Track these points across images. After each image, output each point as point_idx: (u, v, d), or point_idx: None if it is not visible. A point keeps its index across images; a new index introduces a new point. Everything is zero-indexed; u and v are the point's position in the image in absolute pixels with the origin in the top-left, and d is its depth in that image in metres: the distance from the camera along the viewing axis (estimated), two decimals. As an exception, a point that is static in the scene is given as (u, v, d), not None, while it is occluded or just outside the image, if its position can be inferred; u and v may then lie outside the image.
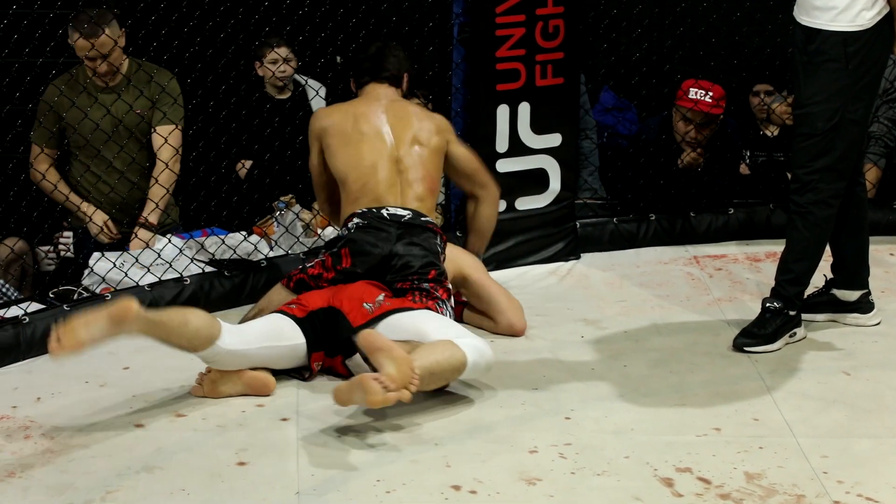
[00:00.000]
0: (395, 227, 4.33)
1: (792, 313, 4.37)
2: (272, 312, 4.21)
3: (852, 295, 4.54)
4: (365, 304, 4.14)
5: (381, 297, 4.17)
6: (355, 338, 3.96)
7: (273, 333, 4.09)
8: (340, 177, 4.50)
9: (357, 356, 4.05)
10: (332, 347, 4.14)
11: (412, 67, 4.76)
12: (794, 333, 4.39)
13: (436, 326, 4.08)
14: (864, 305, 4.55)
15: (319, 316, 4.14)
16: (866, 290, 4.55)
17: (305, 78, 5.98)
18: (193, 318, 3.93)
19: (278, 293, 4.42)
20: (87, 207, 5.12)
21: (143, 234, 5.06)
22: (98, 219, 5.09)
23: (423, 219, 4.40)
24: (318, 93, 5.79)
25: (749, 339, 4.35)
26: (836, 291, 4.56)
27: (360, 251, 4.30)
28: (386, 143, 4.47)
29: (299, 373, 4.16)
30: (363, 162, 4.45)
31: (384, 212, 4.37)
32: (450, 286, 4.36)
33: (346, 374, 4.09)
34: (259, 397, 4.02)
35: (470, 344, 3.98)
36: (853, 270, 4.53)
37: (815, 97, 4.19)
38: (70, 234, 5.30)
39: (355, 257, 4.30)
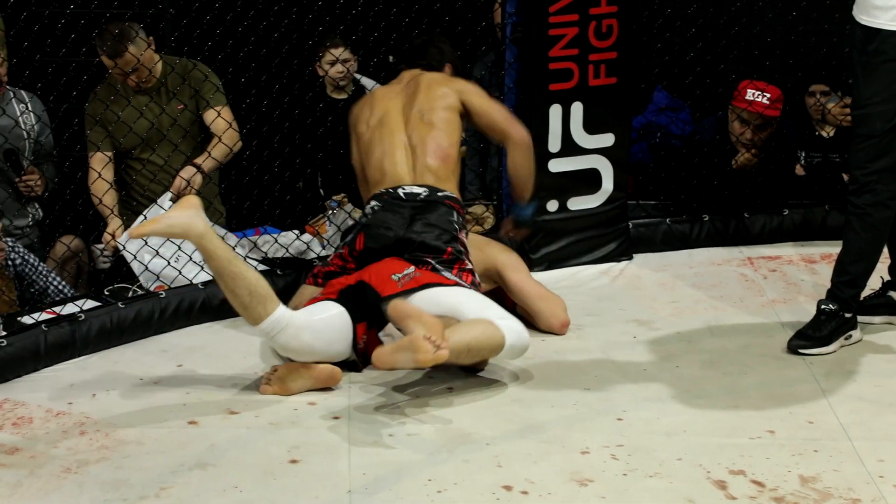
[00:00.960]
0: (409, 208, 4.35)
1: (848, 315, 4.32)
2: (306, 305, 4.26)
3: None
4: (393, 276, 4.18)
5: (410, 270, 4.20)
6: (385, 307, 3.99)
7: (317, 309, 4.14)
8: (360, 164, 4.58)
9: (389, 326, 4.07)
10: (366, 320, 4.17)
11: (456, 60, 4.79)
12: (850, 336, 4.35)
13: (474, 305, 4.11)
14: None
15: (349, 292, 4.18)
16: None
17: (360, 76, 5.98)
18: (245, 267, 4.04)
19: (308, 291, 4.45)
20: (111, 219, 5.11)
21: (186, 171, 5.11)
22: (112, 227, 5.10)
23: (439, 194, 4.41)
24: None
25: (804, 340, 4.32)
26: (892, 293, 4.51)
27: (374, 234, 4.34)
28: (396, 122, 4.53)
29: (353, 364, 4.18)
30: (377, 145, 4.51)
31: (400, 191, 4.40)
32: (472, 267, 4.36)
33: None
34: (312, 395, 4.03)
35: (509, 325, 4.02)
36: None
37: (874, 98, 4.14)
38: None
39: (368, 239, 4.34)
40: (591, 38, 4.98)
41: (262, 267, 4.86)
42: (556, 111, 5.03)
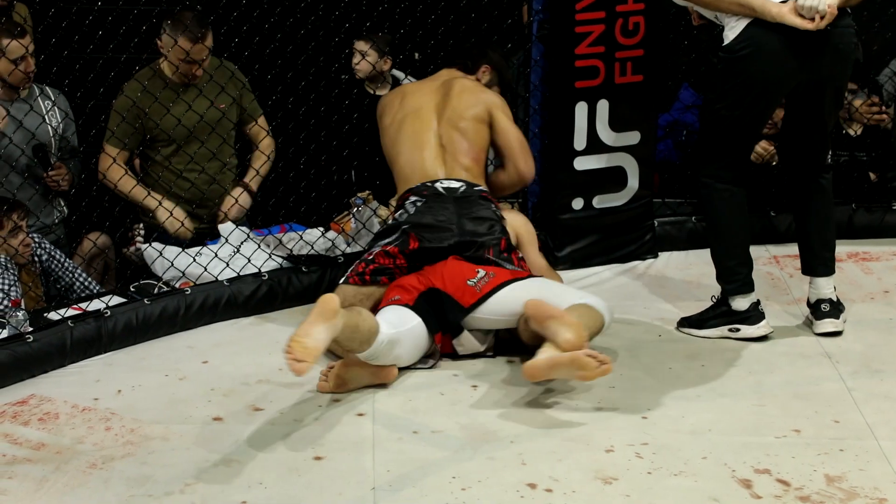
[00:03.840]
0: (452, 202, 4.38)
1: (733, 308, 4.39)
2: (380, 308, 4.22)
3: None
4: (469, 282, 4.19)
5: (483, 274, 4.23)
6: (464, 318, 4.13)
7: (401, 319, 4.13)
8: (391, 157, 4.61)
9: (465, 335, 4.19)
10: (442, 329, 4.21)
11: (496, 64, 4.81)
12: (738, 329, 4.39)
13: (556, 291, 4.23)
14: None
15: (425, 301, 4.19)
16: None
17: (400, 73, 5.98)
18: (362, 319, 3.94)
19: (350, 291, 4.40)
20: (167, 204, 5.09)
21: (236, 191, 5.21)
22: (178, 214, 5.11)
23: (475, 188, 4.47)
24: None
25: (685, 320, 4.49)
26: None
27: (428, 235, 4.34)
28: (428, 118, 4.58)
29: (424, 361, 4.20)
30: (409, 139, 4.56)
31: (438, 185, 4.43)
32: (516, 248, 4.44)
33: (453, 353, 4.21)
34: (337, 393, 4.03)
35: (600, 304, 4.18)
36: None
37: None
38: (143, 230, 5.32)
39: (423, 239, 4.35)
40: (618, 36, 4.96)
41: (286, 264, 4.88)
42: (581, 108, 5.02)
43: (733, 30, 4.20)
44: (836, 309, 4.45)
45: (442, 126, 4.57)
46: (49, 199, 5.24)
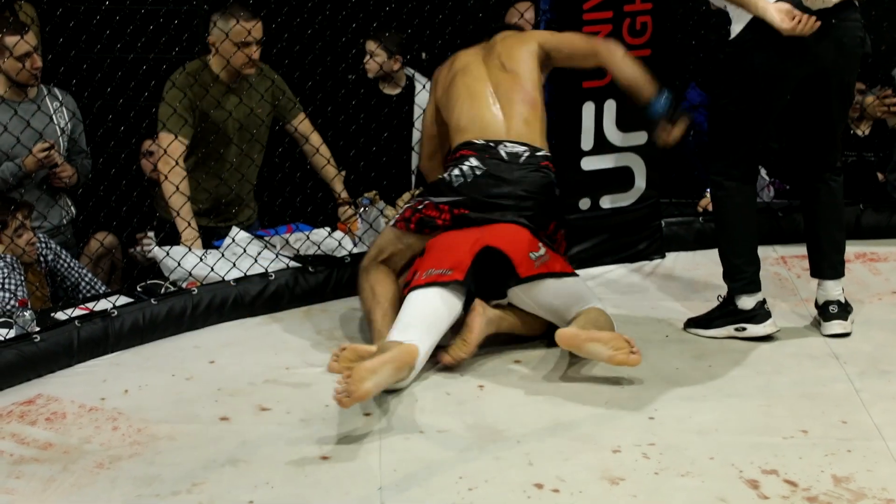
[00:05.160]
0: (515, 172, 4.33)
1: (739, 307, 4.38)
2: (423, 274, 4.16)
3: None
4: (531, 255, 4.17)
5: (542, 251, 4.21)
6: (516, 285, 4.15)
7: (438, 318, 4.12)
8: (446, 115, 4.56)
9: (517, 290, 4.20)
10: (487, 292, 4.18)
11: None
12: (744, 328, 4.39)
13: (584, 291, 4.30)
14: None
15: (477, 265, 4.13)
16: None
17: (414, 72, 5.98)
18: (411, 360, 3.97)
19: (392, 235, 4.39)
20: (184, 215, 5.02)
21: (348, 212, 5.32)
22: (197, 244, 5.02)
23: (538, 154, 4.43)
24: (424, 87, 5.79)
25: (691, 321, 4.49)
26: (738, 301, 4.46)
27: (482, 205, 4.29)
28: (478, 70, 4.56)
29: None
30: (461, 92, 4.52)
31: (501, 150, 4.39)
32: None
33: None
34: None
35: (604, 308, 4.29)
36: None
37: None
38: (152, 234, 5.32)
39: (479, 205, 4.29)
40: (625, 35, 4.96)
41: (293, 264, 4.88)
42: (588, 109, 5.02)
43: (739, 22, 4.19)
44: (844, 310, 4.44)
45: (493, 75, 4.54)
46: (56, 200, 5.25)
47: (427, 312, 4.13)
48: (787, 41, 4.13)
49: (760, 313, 4.39)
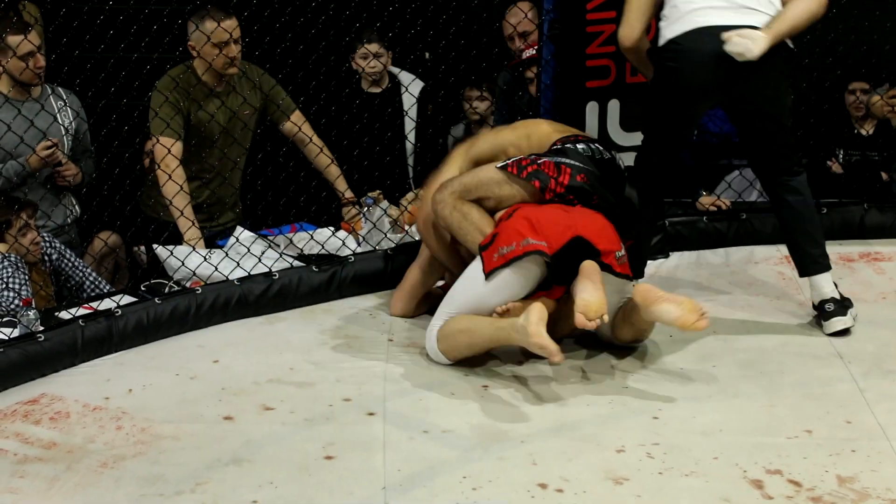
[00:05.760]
0: (615, 175, 4.31)
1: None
2: (529, 249, 4.05)
3: None
4: (618, 254, 4.13)
5: (623, 253, 4.17)
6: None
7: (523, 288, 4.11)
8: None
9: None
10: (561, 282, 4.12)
11: None
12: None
13: None
14: None
15: (566, 251, 4.06)
16: None
17: (398, 70, 5.97)
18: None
19: (499, 181, 4.23)
20: (188, 215, 5.02)
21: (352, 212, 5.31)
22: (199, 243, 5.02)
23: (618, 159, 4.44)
24: (407, 88, 5.79)
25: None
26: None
27: (598, 190, 4.23)
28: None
29: None
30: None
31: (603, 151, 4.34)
32: None
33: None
34: (347, 391, 4.04)
35: None
36: None
37: None
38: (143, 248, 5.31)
39: (592, 189, 4.23)
40: (628, 35, 4.95)
41: (297, 263, 4.88)
42: (592, 108, 5.02)
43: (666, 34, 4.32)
44: (841, 306, 4.43)
45: None
46: (60, 199, 5.25)
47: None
48: (693, 61, 4.24)
49: None
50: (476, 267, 4.14)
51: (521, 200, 4.21)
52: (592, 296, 3.93)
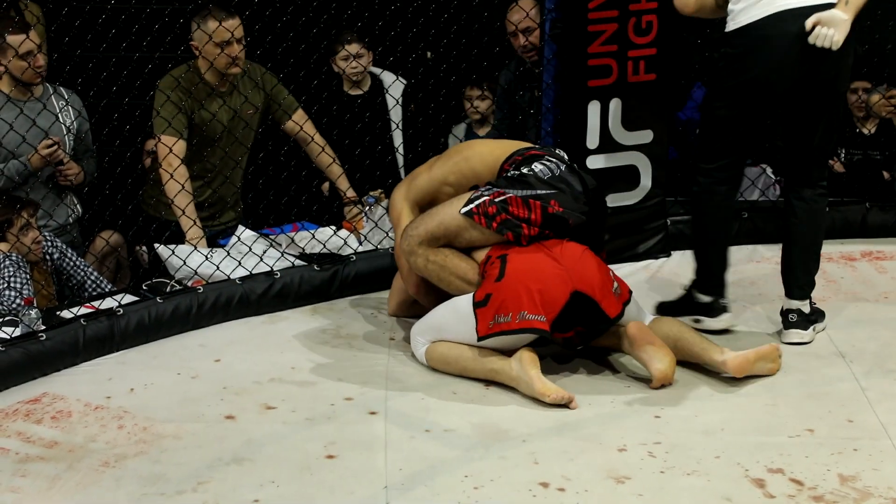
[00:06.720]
0: (578, 177, 4.24)
1: (700, 298, 4.43)
2: (518, 329, 3.99)
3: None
4: (614, 290, 4.10)
5: (617, 285, 4.13)
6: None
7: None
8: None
9: None
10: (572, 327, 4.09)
11: None
12: (699, 320, 4.40)
13: (640, 307, 4.26)
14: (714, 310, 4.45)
15: (567, 310, 4.00)
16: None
17: (379, 70, 5.95)
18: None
19: (466, 227, 4.12)
20: (190, 214, 5.02)
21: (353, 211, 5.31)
22: (201, 242, 5.03)
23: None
24: (387, 90, 5.77)
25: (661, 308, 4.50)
26: (695, 293, 4.47)
27: (571, 213, 4.15)
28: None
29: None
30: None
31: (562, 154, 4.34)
32: None
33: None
34: (349, 391, 4.04)
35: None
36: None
37: None
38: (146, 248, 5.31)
39: (566, 201, 4.15)
40: (631, 35, 4.95)
41: (299, 262, 4.88)
42: (594, 108, 5.01)
43: (734, 23, 4.17)
44: (805, 319, 4.39)
45: None
46: (62, 199, 5.26)
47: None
48: (778, 49, 4.10)
49: (716, 307, 4.40)
50: (468, 313, 4.06)
51: (494, 243, 4.14)
52: (663, 363, 4.00)
